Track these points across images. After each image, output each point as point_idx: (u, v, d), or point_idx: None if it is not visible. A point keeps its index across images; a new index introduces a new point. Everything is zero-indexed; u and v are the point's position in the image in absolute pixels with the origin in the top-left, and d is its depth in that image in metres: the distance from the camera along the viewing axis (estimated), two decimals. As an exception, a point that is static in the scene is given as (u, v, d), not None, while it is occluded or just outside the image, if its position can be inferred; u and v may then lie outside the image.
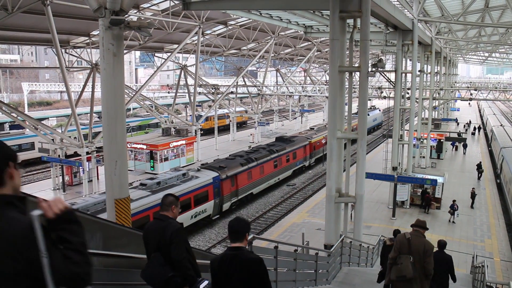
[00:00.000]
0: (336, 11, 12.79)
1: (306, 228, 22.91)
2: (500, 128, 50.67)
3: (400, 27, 23.68)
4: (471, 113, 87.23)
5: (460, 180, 34.33)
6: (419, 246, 7.28)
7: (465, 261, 19.71)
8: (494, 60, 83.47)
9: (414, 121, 30.38)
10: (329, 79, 13.14)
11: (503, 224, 25.52)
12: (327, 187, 13.32)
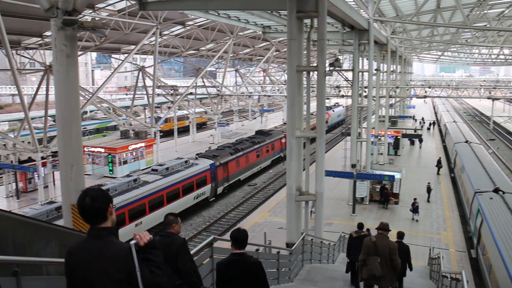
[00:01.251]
0: (293, 11, 12.88)
1: (268, 227, 23.04)
2: (453, 124, 52.38)
3: (357, 27, 24.09)
4: (426, 110, 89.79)
5: (417, 175, 35.30)
6: (384, 247, 8.52)
7: (422, 253, 20.28)
8: (446, 58, 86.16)
9: (371, 119, 30.94)
10: (287, 78, 13.22)
11: (458, 216, 26.39)
12: (287, 186, 13.41)
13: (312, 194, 13.81)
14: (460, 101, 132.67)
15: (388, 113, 39.21)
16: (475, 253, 19.87)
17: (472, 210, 22.71)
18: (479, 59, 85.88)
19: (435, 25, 36.93)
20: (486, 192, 22.14)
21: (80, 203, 3.25)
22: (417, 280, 14.78)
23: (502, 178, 26.01)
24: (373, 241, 8.68)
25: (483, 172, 27.04)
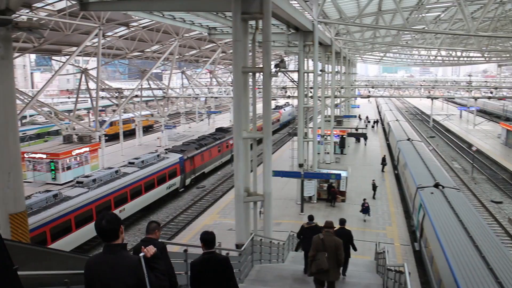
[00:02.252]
0: (238, 13, 12.89)
1: (218, 229, 22.96)
2: (396, 122, 54.15)
3: (301, 28, 24.45)
4: (370, 109, 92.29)
5: (363, 172, 36.26)
6: (331, 243, 9.55)
7: (369, 248, 20.81)
8: (388, 59, 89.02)
9: (317, 119, 31.51)
10: (233, 80, 13.24)
11: (402, 212, 27.31)
12: (235, 187, 13.41)
13: (260, 194, 13.88)
14: (402, 101, 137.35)
15: (333, 113, 40.06)
16: (418, 246, 20.63)
17: (415, 205, 23.57)
18: (419, 60, 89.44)
19: (377, 27, 38.07)
20: (427, 187, 23.05)
21: (98, 225, 4.05)
22: (364, 274, 15.15)
23: (442, 174, 27.17)
24: (321, 238, 9.65)
25: (425, 168, 28.11)
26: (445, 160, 46.06)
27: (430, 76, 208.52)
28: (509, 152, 47.54)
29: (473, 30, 25.66)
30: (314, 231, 13.07)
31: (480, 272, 12.99)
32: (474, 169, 40.89)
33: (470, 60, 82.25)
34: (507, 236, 25.35)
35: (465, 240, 15.57)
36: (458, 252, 14.53)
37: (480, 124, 69.64)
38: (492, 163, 44.29)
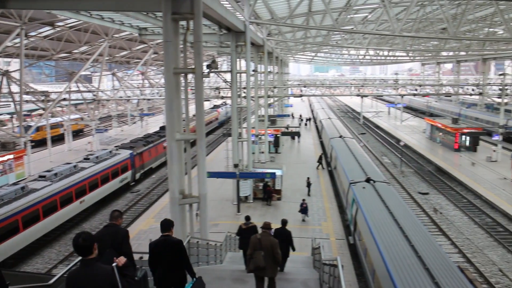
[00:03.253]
0: (168, 13, 12.67)
1: (154, 233, 22.49)
2: (328, 120, 55.52)
3: (233, 29, 24.46)
4: (303, 108, 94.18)
5: (297, 170, 36.89)
6: (267, 243, 10.11)
7: (306, 244, 21.19)
8: (320, 59, 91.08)
9: (251, 118, 31.71)
10: (164, 81, 12.98)
11: (336, 207, 28.04)
12: (170, 189, 13.17)
13: (196, 196, 13.74)
14: (334, 99, 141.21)
15: (267, 112, 40.42)
16: (353, 239, 21.26)
17: (348, 200, 24.27)
18: (349, 60, 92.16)
19: (307, 28, 38.83)
20: (359, 182, 23.82)
21: (75, 243, 4.73)
22: (302, 270, 15.38)
23: (373, 169, 28.16)
24: (258, 238, 10.24)
25: (356, 164, 29.03)
26: (376, 156, 47.83)
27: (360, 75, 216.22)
28: (433, 146, 50.17)
29: (398, 30, 26.79)
30: (251, 231, 13.85)
31: (410, 260, 13.64)
32: (402, 163, 42.79)
33: (396, 59, 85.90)
34: (433, 225, 26.68)
35: (395, 231, 16.26)
36: (390, 243, 15.15)
37: (406, 120, 73.03)
38: (418, 156, 46.55)
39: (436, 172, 39.61)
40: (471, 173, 36.82)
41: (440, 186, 35.15)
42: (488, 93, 60.58)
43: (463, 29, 43.86)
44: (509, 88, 51.50)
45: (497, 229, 25.92)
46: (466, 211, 28.97)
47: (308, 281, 13.27)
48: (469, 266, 21.15)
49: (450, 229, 26.07)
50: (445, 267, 13.12)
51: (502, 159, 40.91)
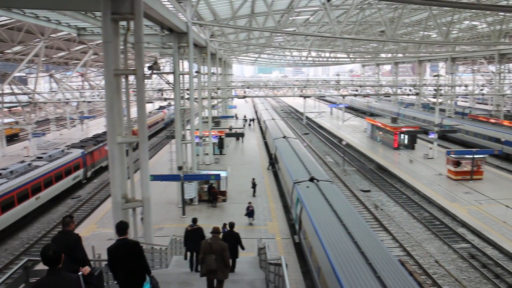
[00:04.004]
0: (108, 13, 12.33)
1: (97, 240, 21.86)
2: (272, 121, 56.02)
3: (176, 29, 24.20)
4: (247, 109, 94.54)
5: (242, 171, 36.99)
6: (217, 247, 10.57)
7: (252, 245, 21.22)
8: (263, 60, 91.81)
9: (195, 120, 31.47)
10: (105, 83, 12.63)
11: (281, 207, 28.33)
12: (112, 194, 12.81)
13: (139, 200, 13.46)
14: (277, 100, 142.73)
15: (211, 114, 40.26)
16: (298, 238, 21.55)
17: (292, 199, 24.58)
18: (292, 61, 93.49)
19: (250, 29, 39.06)
20: (303, 182, 24.19)
21: (45, 254, 5.06)
22: (248, 271, 15.43)
23: (316, 168, 28.69)
24: (209, 243, 10.71)
25: (300, 164, 29.46)
26: (319, 155, 48.76)
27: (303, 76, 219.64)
28: (374, 145, 51.78)
29: (338, 33, 27.48)
30: (197, 233, 14.46)
31: (353, 256, 14.04)
32: (345, 162, 43.88)
33: (337, 61, 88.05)
34: (375, 221, 27.53)
35: (339, 229, 16.65)
36: (334, 240, 15.50)
37: (348, 120, 74.94)
38: (360, 155, 47.90)
39: (377, 170, 40.91)
40: (410, 170, 38.31)
41: (381, 183, 36.33)
42: (424, 93, 63.29)
43: (400, 32, 45.61)
44: (443, 88, 54.03)
45: (434, 222, 27.11)
46: (406, 206, 30.10)
47: (254, 281, 13.34)
48: (409, 259, 21.97)
49: (391, 224, 26.99)
50: (386, 261, 13.59)
51: (438, 156, 42.82)
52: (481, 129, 50.48)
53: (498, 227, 24.85)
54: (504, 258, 21.77)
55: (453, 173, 35.06)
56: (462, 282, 19.44)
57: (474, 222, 25.74)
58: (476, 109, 79.89)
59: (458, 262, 21.65)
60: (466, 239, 24.09)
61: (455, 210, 27.83)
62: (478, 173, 34.94)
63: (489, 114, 61.66)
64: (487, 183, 33.90)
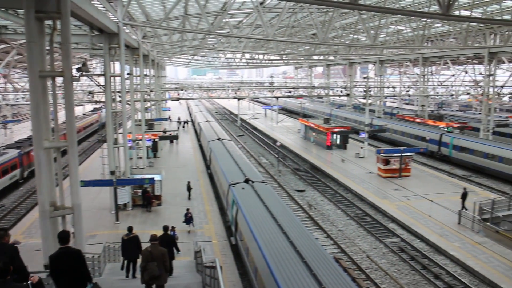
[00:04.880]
0: (31, 11, 11.71)
1: (24, 251, 20.46)
2: (207, 123, 55.78)
3: (106, 30, 23.48)
4: (181, 111, 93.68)
5: (177, 174, 36.53)
6: (158, 254, 11.14)
7: (188, 249, 21.05)
8: (197, 62, 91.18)
9: (128, 123, 30.69)
10: (29, 85, 11.99)
11: (217, 209, 28.22)
12: (39, 202, 12.17)
13: (69, 207, 12.90)
14: (212, 102, 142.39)
15: (144, 116, 39.44)
16: (235, 240, 21.57)
17: (228, 201, 24.57)
18: (226, 63, 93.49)
19: (183, 31, 38.60)
20: (238, 183, 24.27)
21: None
22: (185, 275, 15.27)
23: (251, 169, 28.87)
24: (149, 250, 11.23)
25: (235, 165, 29.52)
26: (254, 156, 49.10)
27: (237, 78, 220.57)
28: (307, 145, 52.86)
29: (271, 35, 27.80)
30: (134, 241, 14.48)
31: (289, 255, 14.26)
32: (279, 163, 44.47)
33: (271, 63, 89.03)
34: (310, 220, 28.08)
35: (274, 229, 16.84)
36: (270, 241, 15.66)
37: (282, 121, 76.08)
38: (294, 156, 48.72)
39: (311, 169, 41.79)
40: (342, 169, 39.44)
41: (315, 183, 37.13)
42: (355, 95, 65.47)
43: (331, 35, 46.82)
44: (372, 90, 56.10)
45: (366, 219, 28.08)
46: (339, 204, 30.95)
47: (191, 285, 13.24)
48: (343, 256, 22.60)
49: (325, 222, 27.64)
50: (321, 259, 13.91)
51: (369, 155, 44.42)
52: (408, 129, 52.98)
53: (425, 221, 26.16)
54: (430, 249, 22.97)
55: (383, 171, 36.51)
56: (393, 275, 20.25)
57: (403, 217, 26.94)
58: (403, 109, 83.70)
59: (389, 256, 22.56)
60: (396, 234, 25.17)
61: (386, 207, 28.98)
62: (406, 170, 36.63)
63: (415, 114, 64.73)
64: (414, 180, 35.60)
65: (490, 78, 47.63)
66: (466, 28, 36.62)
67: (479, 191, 32.49)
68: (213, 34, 34.03)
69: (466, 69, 73.62)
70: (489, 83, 47.66)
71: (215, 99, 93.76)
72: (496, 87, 50.93)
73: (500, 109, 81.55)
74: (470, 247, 22.32)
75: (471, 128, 53.01)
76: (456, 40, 45.97)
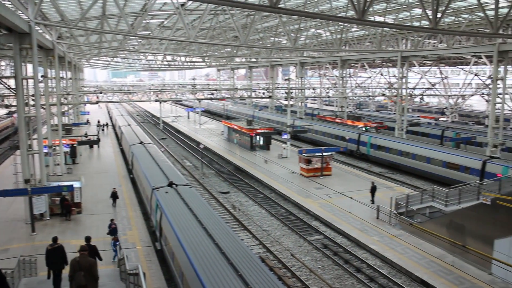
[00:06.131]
0: None
1: None
2: (128, 127, 54.32)
3: (16, 29, 22.14)
4: (101, 115, 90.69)
5: (98, 181, 35.25)
6: (86, 263, 11.55)
7: (111, 257, 20.35)
8: (117, 64, 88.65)
9: (43, 128, 29.14)
10: None
11: (140, 215, 27.51)
12: None
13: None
14: (133, 105, 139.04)
15: (61, 121, 37.66)
16: (160, 245, 21.15)
17: (152, 205, 24.06)
18: (147, 65, 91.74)
19: (101, 32, 37.39)
20: (162, 187, 23.85)
21: None
22: (109, 284, 14.78)
23: (175, 173, 28.49)
24: (77, 260, 11.53)
25: (158, 169, 28.98)
26: (177, 160, 48.52)
27: (159, 80, 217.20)
28: (231, 147, 53.08)
29: (193, 37, 27.63)
30: (58, 251, 14.42)
31: (215, 257, 14.24)
32: (203, 165, 44.26)
33: (193, 65, 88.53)
34: (235, 221, 28.18)
35: (200, 232, 16.73)
36: (195, 244, 15.53)
37: (205, 124, 75.87)
38: (218, 158, 48.72)
39: (235, 171, 41.98)
40: (266, 170, 39.99)
41: (239, 184, 37.33)
42: (276, 96, 66.65)
43: (253, 38, 47.41)
44: (293, 91, 57.38)
45: (290, 218, 28.65)
46: (263, 205, 31.33)
47: (114, 295, 12.81)
48: (269, 255, 22.88)
49: (250, 223, 27.85)
50: (247, 260, 14.00)
51: (291, 155, 45.40)
52: (328, 129, 54.81)
53: (346, 217, 27.15)
54: (352, 244, 23.89)
55: (305, 170, 37.45)
56: (317, 271, 20.80)
57: (326, 214, 27.78)
58: (323, 110, 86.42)
59: (313, 253, 23.17)
60: (319, 231, 25.90)
61: (309, 205, 29.75)
62: (327, 169, 37.82)
63: (334, 114, 67.07)
64: (335, 178, 36.86)
65: (403, 80, 50.40)
66: (380, 33, 38.53)
67: (395, 187, 34.28)
68: (133, 36, 33.20)
69: (381, 72, 77.55)
70: (402, 85, 50.42)
71: (136, 102, 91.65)
72: (409, 88, 54.09)
73: (413, 109, 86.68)
74: (388, 240, 23.49)
75: (386, 127, 55.85)
76: (372, 44, 48.27)
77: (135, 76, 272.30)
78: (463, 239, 20.79)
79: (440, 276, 19.34)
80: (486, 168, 33.18)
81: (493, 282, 18.63)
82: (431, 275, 19.50)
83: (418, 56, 51.90)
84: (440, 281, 18.88)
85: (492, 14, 19.34)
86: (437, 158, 37.58)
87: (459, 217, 21.59)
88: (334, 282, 19.98)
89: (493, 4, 19.44)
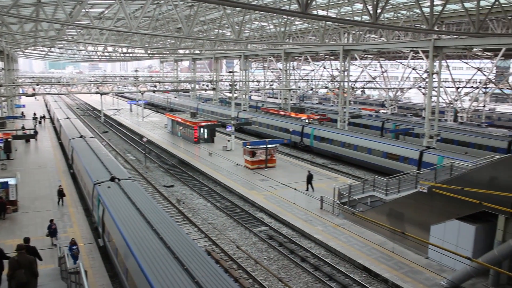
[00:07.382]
0: None
1: None
2: (67, 120, 52.39)
3: None
4: (38, 107, 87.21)
5: (36, 176, 33.89)
6: (25, 261, 11.44)
7: (51, 255, 19.64)
8: (55, 55, 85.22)
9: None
10: None
11: (82, 210, 26.69)
12: None
13: None
14: (72, 97, 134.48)
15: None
16: (102, 241, 20.64)
17: (94, 201, 23.41)
18: (87, 56, 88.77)
19: (36, 20, 35.69)
20: (104, 182, 23.25)
21: None
22: (49, 284, 14.27)
23: (117, 167, 27.81)
24: (16, 259, 11.38)
25: (100, 164, 28.18)
26: (120, 153, 47.43)
27: (100, 72, 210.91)
28: (175, 140, 52.52)
29: (135, 28, 26.95)
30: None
31: (160, 252, 14.10)
32: (146, 159, 43.52)
33: (135, 56, 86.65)
34: (180, 215, 27.95)
35: (144, 226, 16.49)
36: (139, 239, 15.29)
37: (148, 116, 74.56)
38: (162, 151, 48.08)
39: (180, 164, 41.57)
40: (210, 163, 39.87)
41: (184, 178, 37.01)
42: (221, 89, 66.47)
43: (196, 30, 46.91)
44: (237, 84, 57.42)
45: (236, 210, 28.75)
46: (209, 198, 31.25)
47: (55, 294, 12.41)
48: (215, 248, 22.88)
49: (196, 216, 27.71)
50: (193, 253, 13.94)
51: (236, 148, 45.51)
52: (272, 121, 55.31)
53: (290, 208, 27.58)
54: (297, 235, 24.33)
55: (249, 162, 37.65)
56: (263, 262, 21.02)
57: (271, 206, 28.10)
58: (267, 102, 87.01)
59: (259, 244, 23.38)
60: (265, 223, 26.18)
61: (254, 197, 29.96)
62: (271, 161, 38.23)
63: (278, 107, 67.75)
64: (279, 170, 37.31)
65: (345, 73, 51.60)
66: (323, 27, 39.15)
67: (338, 178, 35.15)
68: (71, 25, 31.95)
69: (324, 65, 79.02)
70: (344, 78, 51.63)
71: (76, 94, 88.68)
72: (350, 81, 55.47)
73: (354, 101, 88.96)
74: (332, 229, 24.10)
75: (329, 119, 57.10)
76: (315, 38, 49.03)
77: (75, 68, 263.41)
78: (402, 226, 21.68)
79: (381, 262, 20.10)
80: (423, 158, 34.66)
81: (429, 266, 19.61)
82: (372, 261, 20.23)
83: (359, 50, 53.32)
84: (381, 267, 19.63)
85: (428, 11, 20.12)
86: (378, 149, 38.85)
87: (399, 205, 22.48)
88: (280, 272, 20.26)
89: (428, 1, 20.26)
